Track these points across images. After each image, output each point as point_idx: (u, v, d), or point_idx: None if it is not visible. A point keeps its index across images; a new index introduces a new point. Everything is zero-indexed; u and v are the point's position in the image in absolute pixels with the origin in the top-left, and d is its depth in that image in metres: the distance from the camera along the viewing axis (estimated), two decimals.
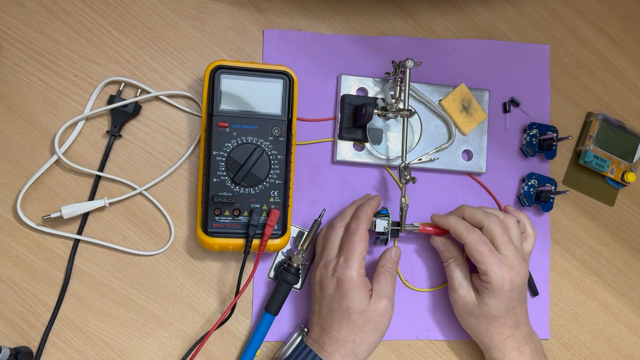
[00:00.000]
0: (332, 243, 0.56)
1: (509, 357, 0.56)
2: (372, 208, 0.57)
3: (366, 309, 0.53)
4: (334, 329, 0.54)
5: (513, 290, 0.55)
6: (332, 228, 0.57)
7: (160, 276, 0.58)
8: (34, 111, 0.57)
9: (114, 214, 0.58)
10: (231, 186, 0.55)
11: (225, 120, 0.56)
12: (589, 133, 0.67)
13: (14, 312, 0.55)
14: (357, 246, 0.54)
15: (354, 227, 0.55)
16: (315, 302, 0.56)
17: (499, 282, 0.54)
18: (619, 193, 0.69)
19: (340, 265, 0.54)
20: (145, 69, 0.59)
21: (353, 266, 0.53)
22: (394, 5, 0.66)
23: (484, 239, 0.55)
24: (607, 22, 0.70)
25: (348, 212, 0.58)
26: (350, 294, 0.53)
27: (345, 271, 0.53)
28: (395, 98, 0.59)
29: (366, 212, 0.56)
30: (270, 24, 0.62)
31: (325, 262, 0.55)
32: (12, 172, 0.56)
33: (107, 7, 0.59)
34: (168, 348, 0.57)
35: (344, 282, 0.53)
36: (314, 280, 0.57)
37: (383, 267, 0.56)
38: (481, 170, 0.64)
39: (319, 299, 0.56)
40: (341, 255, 0.54)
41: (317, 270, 0.56)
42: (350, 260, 0.53)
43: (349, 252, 0.54)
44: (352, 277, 0.53)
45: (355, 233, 0.54)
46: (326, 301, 0.55)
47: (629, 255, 0.68)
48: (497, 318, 0.56)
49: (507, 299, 0.55)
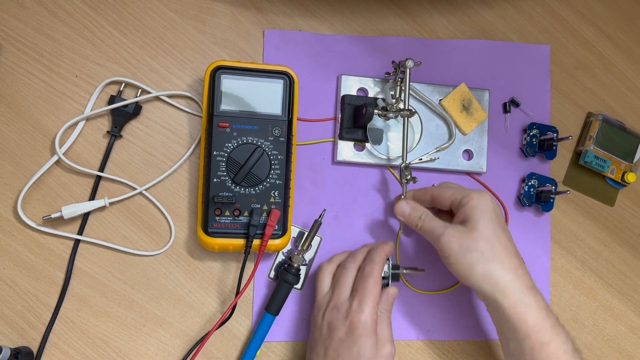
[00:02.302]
0: (344, 284, 0.54)
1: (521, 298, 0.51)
2: (385, 252, 0.56)
3: (374, 356, 0.52)
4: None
5: (495, 209, 0.54)
6: (345, 269, 0.56)
7: (161, 276, 0.58)
8: (34, 111, 0.57)
9: (115, 214, 0.58)
10: (231, 186, 0.55)
11: (225, 120, 0.56)
12: (589, 133, 0.67)
13: (14, 312, 0.55)
14: (371, 290, 0.52)
15: (368, 270, 0.54)
16: (319, 344, 0.54)
17: (481, 200, 0.53)
18: (619, 193, 0.69)
19: (354, 310, 0.52)
20: (146, 69, 0.59)
21: (367, 311, 0.52)
22: (394, 5, 0.66)
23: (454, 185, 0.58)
24: (607, 23, 0.70)
25: (360, 253, 0.56)
26: (363, 339, 0.51)
27: (360, 315, 0.52)
28: (395, 98, 0.59)
29: (380, 256, 0.55)
30: (270, 24, 0.62)
31: (337, 304, 0.53)
32: (12, 172, 0.56)
33: (108, 7, 0.59)
34: (168, 348, 0.57)
35: (357, 327, 0.51)
36: (319, 321, 0.54)
37: (380, 311, 0.54)
38: (482, 170, 0.64)
39: (326, 341, 0.53)
40: (355, 298, 0.52)
41: (326, 311, 0.54)
42: (364, 304, 0.52)
43: (363, 296, 0.52)
44: (366, 323, 0.51)
45: (369, 277, 0.53)
46: (334, 344, 0.52)
47: (629, 255, 0.68)
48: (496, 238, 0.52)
49: (495, 218, 0.53)
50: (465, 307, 0.63)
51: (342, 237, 0.61)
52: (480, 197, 0.54)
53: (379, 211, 0.62)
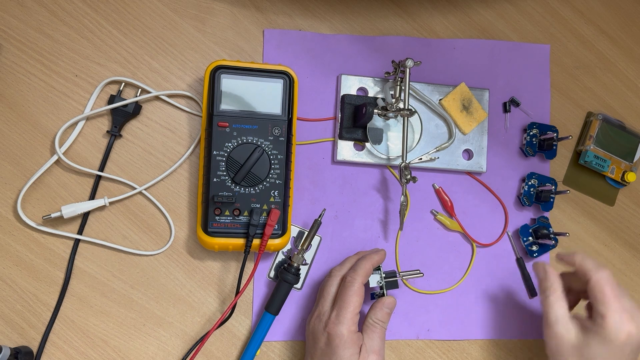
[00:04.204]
0: (327, 294, 0.54)
1: None
2: (372, 262, 0.55)
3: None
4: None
5: (626, 346, 0.48)
6: (330, 277, 0.55)
7: (161, 276, 0.58)
8: (34, 111, 0.57)
9: (114, 214, 0.58)
10: (231, 186, 0.55)
11: (225, 120, 0.56)
12: (589, 133, 0.67)
13: (14, 311, 0.55)
14: (350, 301, 0.52)
15: (349, 280, 0.53)
16: (307, 353, 0.55)
17: (614, 330, 0.48)
18: (619, 193, 0.69)
19: (332, 321, 0.52)
20: (146, 68, 0.59)
21: (344, 322, 0.51)
22: (394, 5, 0.66)
23: (612, 280, 0.50)
24: (607, 22, 0.70)
25: (348, 261, 0.56)
26: (340, 350, 0.51)
27: (337, 327, 0.51)
28: (395, 98, 0.59)
29: (364, 265, 0.54)
30: (270, 24, 0.62)
31: (319, 314, 0.54)
32: (12, 172, 0.56)
33: (108, 7, 0.59)
34: (168, 348, 0.57)
35: (334, 338, 0.51)
36: (307, 329, 0.55)
37: (373, 321, 0.54)
38: (482, 169, 0.64)
39: (312, 350, 0.54)
40: (334, 309, 0.52)
41: (311, 320, 0.55)
42: (342, 316, 0.51)
43: (341, 307, 0.52)
44: (342, 335, 0.51)
45: (349, 287, 0.52)
46: (318, 354, 0.53)
47: (629, 255, 0.68)
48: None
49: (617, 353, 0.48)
50: (465, 307, 0.63)
51: (341, 236, 0.61)
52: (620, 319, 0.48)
53: (379, 211, 0.62)
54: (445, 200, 0.63)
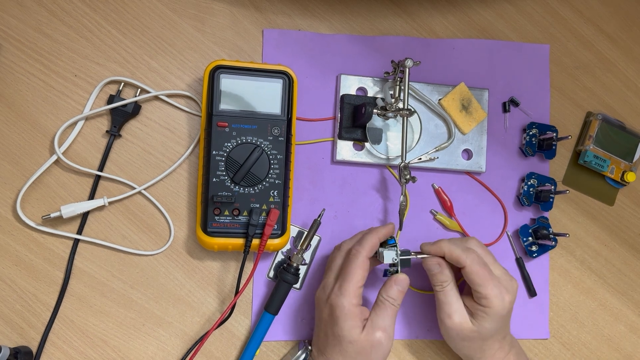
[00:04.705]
0: (334, 266, 0.55)
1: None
2: (378, 235, 0.54)
3: (357, 339, 0.51)
4: (328, 352, 0.53)
5: (509, 311, 0.55)
6: (337, 250, 0.56)
7: (160, 276, 0.58)
8: (33, 111, 0.57)
9: (114, 213, 0.58)
10: (231, 186, 0.55)
11: (225, 120, 0.56)
12: (589, 133, 0.67)
13: (13, 311, 0.55)
14: (353, 274, 0.52)
15: (353, 252, 0.53)
16: (316, 323, 0.56)
17: (499, 306, 0.53)
18: (618, 193, 0.69)
19: (334, 292, 0.52)
20: (145, 68, 0.59)
21: (346, 295, 0.51)
22: (393, 5, 0.66)
23: (480, 259, 0.54)
24: (607, 22, 0.70)
25: (359, 234, 0.56)
26: (341, 322, 0.51)
27: (338, 299, 0.52)
28: (394, 97, 0.59)
29: (370, 238, 0.54)
30: (269, 24, 0.62)
31: (324, 285, 0.55)
32: (12, 172, 0.56)
33: (107, 6, 0.59)
34: (168, 348, 0.57)
35: (335, 309, 0.52)
36: (315, 301, 0.56)
37: (384, 298, 0.53)
38: (481, 169, 0.64)
39: (318, 321, 0.55)
40: (337, 280, 0.53)
41: (318, 290, 0.56)
42: (344, 288, 0.52)
43: (344, 280, 0.52)
44: (342, 306, 0.51)
45: (353, 260, 0.53)
46: (322, 324, 0.54)
47: (629, 255, 0.68)
48: (491, 337, 0.55)
49: (504, 319, 0.54)
50: None
51: (341, 236, 0.61)
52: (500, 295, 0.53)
53: (378, 211, 0.62)
54: (444, 200, 0.63)
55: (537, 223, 0.64)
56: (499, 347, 0.56)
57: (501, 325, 0.55)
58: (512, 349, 0.57)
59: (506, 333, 0.57)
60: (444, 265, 0.55)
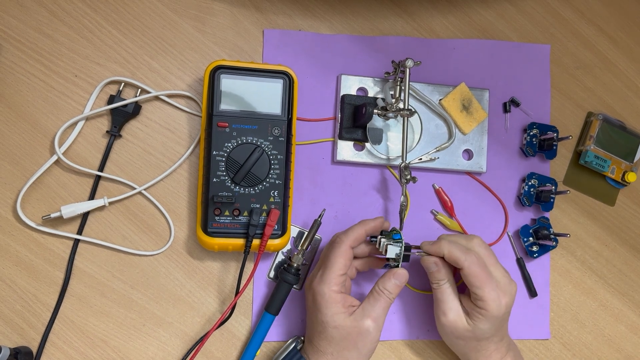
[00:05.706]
0: (322, 255, 0.57)
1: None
2: (365, 228, 0.55)
3: (342, 325, 0.52)
4: (315, 338, 0.54)
5: (506, 314, 0.55)
6: (330, 241, 0.57)
7: (160, 276, 0.58)
8: (34, 111, 0.57)
9: (114, 214, 0.58)
10: (231, 186, 0.55)
11: (225, 120, 0.56)
12: (590, 133, 0.67)
13: (14, 312, 0.55)
14: (334, 262, 0.53)
15: (337, 241, 0.54)
16: (306, 313, 0.57)
17: (495, 309, 0.53)
18: (619, 193, 0.69)
19: (316, 279, 0.54)
20: (145, 68, 0.59)
21: (326, 282, 0.53)
22: (394, 5, 0.66)
23: (480, 261, 0.54)
24: (607, 22, 0.70)
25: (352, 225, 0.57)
26: (323, 308, 0.53)
27: (319, 286, 0.53)
28: (395, 98, 0.59)
29: (356, 229, 0.55)
30: (270, 24, 0.62)
31: (313, 273, 0.56)
32: (12, 172, 0.56)
33: (107, 7, 0.59)
34: (168, 348, 0.57)
35: (316, 295, 0.53)
36: (305, 289, 0.58)
37: (380, 289, 0.54)
38: (482, 169, 0.64)
39: (307, 309, 0.57)
40: (320, 268, 0.55)
41: (307, 277, 0.57)
42: (325, 275, 0.53)
43: (326, 267, 0.54)
44: (323, 293, 0.53)
45: (336, 249, 0.54)
46: (309, 312, 0.56)
47: (630, 255, 0.68)
48: (487, 338, 0.55)
49: (500, 322, 0.55)
50: None
51: None
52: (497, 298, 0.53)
53: (379, 211, 0.62)
54: (445, 200, 0.63)
55: (537, 223, 0.64)
56: (495, 349, 0.56)
57: (497, 327, 0.55)
58: (509, 352, 0.57)
59: (503, 335, 0.57)
60: (441, 265, 0.56)
